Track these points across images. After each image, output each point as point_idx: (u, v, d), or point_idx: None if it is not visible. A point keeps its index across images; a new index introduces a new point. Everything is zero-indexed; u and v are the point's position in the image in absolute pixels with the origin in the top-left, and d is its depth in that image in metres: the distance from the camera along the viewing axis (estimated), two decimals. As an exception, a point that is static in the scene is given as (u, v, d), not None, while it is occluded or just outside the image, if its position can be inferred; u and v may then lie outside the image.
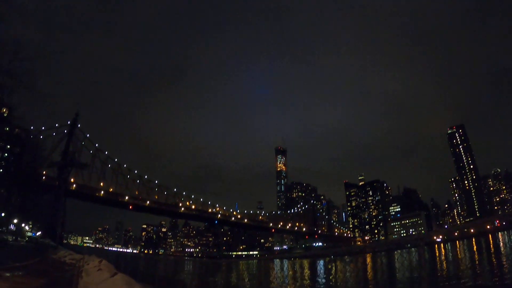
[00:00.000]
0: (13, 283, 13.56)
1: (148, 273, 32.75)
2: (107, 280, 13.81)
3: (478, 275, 38.64)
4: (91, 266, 23.15)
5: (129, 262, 43.00)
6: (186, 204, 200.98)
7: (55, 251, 56.83)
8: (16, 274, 17.34)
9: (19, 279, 15.41)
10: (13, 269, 19.66)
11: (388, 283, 44.11)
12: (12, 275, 16.61)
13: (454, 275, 40.97)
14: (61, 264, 33.99)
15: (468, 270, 45.45)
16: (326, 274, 70.80)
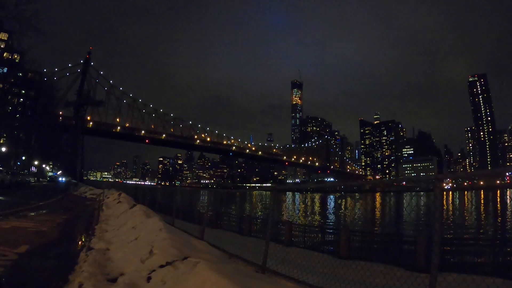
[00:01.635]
0: (37, 221, 14.39)
1: (165, 204, 33.94)
2: (127, 212, 14.56)
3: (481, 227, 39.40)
4: (110, 200, 24.06)
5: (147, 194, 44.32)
6: (202, 136, 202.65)
7: (76, 188, 58.22)
8: (40, 213, 18.19)
9: (43, 217, 16.20)
10: (37, 208, 20.52)
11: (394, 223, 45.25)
12: (36, 214, 17.46)
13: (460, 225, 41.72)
14: (82, 200, 35.00)
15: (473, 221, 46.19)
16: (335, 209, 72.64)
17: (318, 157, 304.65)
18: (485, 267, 13.38)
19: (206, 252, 7.10)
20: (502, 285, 8.22)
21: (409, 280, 6.96)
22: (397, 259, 14.49)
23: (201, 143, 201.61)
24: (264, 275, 6.97)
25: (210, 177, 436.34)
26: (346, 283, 7.58)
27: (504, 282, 9.39)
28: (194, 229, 13.85)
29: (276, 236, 19.58)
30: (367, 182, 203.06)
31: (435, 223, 4.73)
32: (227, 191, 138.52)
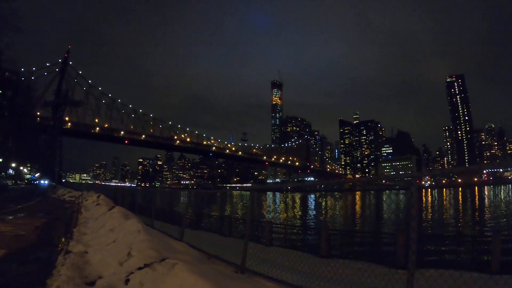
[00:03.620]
0: (15, 225, 14.23)
1: (145, 205, 33.73)
2: (105, 214, 14.48)
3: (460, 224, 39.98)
4: (89, 202, 23.89)
5: (126, 195, 43.91)
6: (181, 137, 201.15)
7: (54, 190, 57.58)
8: (18, 216, 17.98)
9: (21, 221, 16.03)
10: (14, 211, 20.28)
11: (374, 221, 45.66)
12: (14, 218, 17.26)
13: (438, 222, 42.32)
14: (60, 202, 34.61)
15: (451, 218, 46.85)
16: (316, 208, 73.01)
17: (298, 157, 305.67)
18: (464, 263, 13.60)
19: (185, 253, 7.07)
20: (479, 279, 8.35)
21: (388, 277, 7.03)
22: (377, 257, 14.65)
23: (181, 143, 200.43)
24: (243, 275, 6.97)
25: (191, 178, 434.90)
26: (326, 281, 7.63)
27: (481, 276, 9.54)
28: (174, 231, 13.78)
29: (257, 236, 19.65)
30: (346, 179, 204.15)
31: (412, 221, 4.78)
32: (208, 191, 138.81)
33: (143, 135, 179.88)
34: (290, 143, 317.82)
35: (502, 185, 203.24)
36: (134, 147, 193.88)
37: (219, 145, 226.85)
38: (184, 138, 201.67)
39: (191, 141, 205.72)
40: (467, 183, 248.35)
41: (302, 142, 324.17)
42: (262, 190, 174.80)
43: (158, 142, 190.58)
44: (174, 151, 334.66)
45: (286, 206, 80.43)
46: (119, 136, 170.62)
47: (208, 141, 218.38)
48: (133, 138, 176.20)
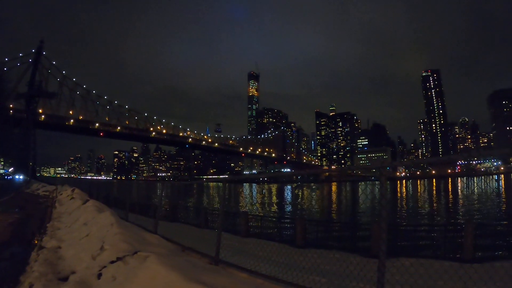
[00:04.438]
0: (-13, 223, 14.05)
1: (121, 198, 33.48)
2: (79, 208, 14.30)
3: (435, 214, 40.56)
4: (64, 196, 23.55)
5: (102, 189, 43.63)
6: (157, 128, 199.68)
7: (28, 185, 56.67)
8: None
9: (-6, 218, 15.82)
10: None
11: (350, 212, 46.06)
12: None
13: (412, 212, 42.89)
14: (35, 197, 34.13)
15: (426, 208, 47.55)
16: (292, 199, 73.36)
17: (275, 148, 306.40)
18: (437, 252, 13.83)
19: (159, 246, 7.05)
20: (450, 268, 8.51)
21: (361, 266, 7.12)
22: (353, 247, 14.82)
23: (157, 135, 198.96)
24: (217, 266, 6.98)
25: (167, 170, 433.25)
26: (301, 271, 7.66)
27: (452, 265, 9.71)
28: (149, 223, 13.72)
29: (233, 227, 19.68)
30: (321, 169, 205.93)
31: (382, 210, 4.83)
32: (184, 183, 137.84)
33: (118, 127, 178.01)
34: (267, 135, 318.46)
35: (475, 177, 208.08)
36: (109, 139, 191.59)
37: (196, 137, 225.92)
38: (160, 130, 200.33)
39: (167, 132, 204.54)
40: (441, 174, 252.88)
41: (278, 134, 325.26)
42: (235, 182, 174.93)
43: (134, 134, 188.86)
44: (150, 143, 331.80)
45: (263, 197, 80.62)
46: (94, 128, 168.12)
47: (184, 133, 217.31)
48: (108, 130, 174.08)
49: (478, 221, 30.27)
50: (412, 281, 6.87)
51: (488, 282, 7.49)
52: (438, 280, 7.43)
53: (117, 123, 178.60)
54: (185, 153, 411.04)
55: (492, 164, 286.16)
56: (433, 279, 7.33)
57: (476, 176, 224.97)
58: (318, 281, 6.69)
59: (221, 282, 4.67)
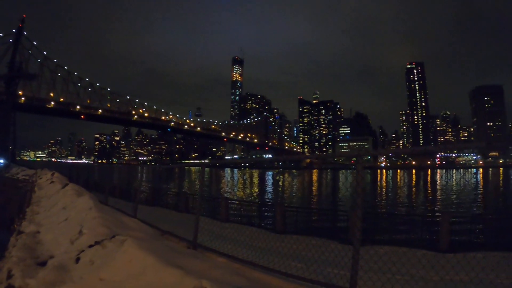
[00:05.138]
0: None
1: (101, 182, 33.33)
2: (59, 192, 14.24)
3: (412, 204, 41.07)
4: (43, 180, 23.41)
5: (82, 173, 43.24)
6: (139, 112, 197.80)
7: (7, 170, 56.06)
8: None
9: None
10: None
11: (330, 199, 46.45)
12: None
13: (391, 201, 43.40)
14: (14, 182, 33.85)
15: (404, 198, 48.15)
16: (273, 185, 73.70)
17: (257, 134, 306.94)
18: (412, 241, 14.08)
19: (137, 230, 7.09)
20: (423, 257, 8.70)
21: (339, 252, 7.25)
22: (332, 233, 14.99)
23: (139, 118, 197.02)
24: (195, 251, 7.05)
25: (148, 154, 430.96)
26: (279, 256, 7.79)
27: (426, 254, 9.92)
28: (129, 207, 13.69)
29: (213, 212, 19.76)
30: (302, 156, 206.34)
31: (357, 198, 4.94)
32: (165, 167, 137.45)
33: (100, 109, 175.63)
34: (249, 120, 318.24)
35: (454, 169, 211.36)
36: (90, 122, 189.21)
37: (178, 121, 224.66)
38: (142, 113, 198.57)
39: (149, 116, 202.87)
40: (421, 165, 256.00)
41: (261, 120, 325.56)
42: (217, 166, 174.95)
43: (116, 117, 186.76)
44: (131, 127, 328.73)
45: (244, 183, 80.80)
46: (75, 111, 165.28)
47: (167, 117, 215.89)
48: (90, 113, 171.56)
49: (454, 212, 30.80)
50: (386, 268, 7.01)
51: (460, 272, 7.67)
52: (411, 268, 7.60)
53: (99, 105, 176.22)
54: (167, 137, 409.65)
55: (471, 157, 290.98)
56: (406, 267, 7.48)
57: (455, 168, 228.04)
58: (294, 266, 6.79)
59: (198, 266, 4.75)
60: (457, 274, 7.61)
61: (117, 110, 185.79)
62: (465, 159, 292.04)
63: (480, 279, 7.23)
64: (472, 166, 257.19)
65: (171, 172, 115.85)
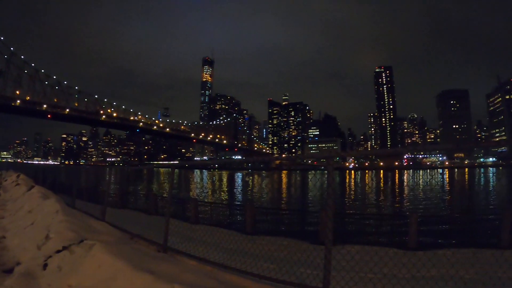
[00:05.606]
0: None
1: (68, 184, 32.70)
2: (24, 195, 13.93)
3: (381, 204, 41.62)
4: (8, 182, 22.87)
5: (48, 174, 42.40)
6: (108, 111, 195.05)
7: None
8: None
9: None
10: None
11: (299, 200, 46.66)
12: None
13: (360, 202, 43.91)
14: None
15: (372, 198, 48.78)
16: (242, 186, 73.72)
17: (226, 135, 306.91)
18: (382, 240, 14.25)
19: (106, 234, 6.96)
20: (394, 256, 8.79)
21: (310, 252, 7.25)
22: (302, 234, 15.04)
23: (107, 118, 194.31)
24: (165, 254, 6.96)
25: (117, 155, 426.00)
26: (251, 258, 7.75)
27: (397, 252, 10.03)
28: (97, 210, 13.46)
29: (183, 214, 19.62)
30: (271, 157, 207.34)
31: (328, 199, 4.98)
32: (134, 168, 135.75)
33: (67, 109, 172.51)
34: (219, 121, 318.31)
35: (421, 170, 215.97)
36: (57, 122, 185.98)
37: (147, 121, 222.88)
38: (110, 113, 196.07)
39: (117, 116, 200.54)
40: (388, 166, 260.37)
41: (230, 121, 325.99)
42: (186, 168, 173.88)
43: (83, 117, 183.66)
44: (99, 127, 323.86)
45: (213, 184, 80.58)
46: (42, 110, 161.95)
47: (135, 117, 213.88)
48: (57, 112, 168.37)
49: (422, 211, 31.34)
50: (358, 267, 7.06)
51: (431, 269, 7.80)
52: (383, 267, 7.67)
53: (66, 105, 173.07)
54: (136, 138, 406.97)
55: (437, 158, 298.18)
56: (378, 266, 7.55)
57: (421, 169, 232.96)
58: (266, 268, 6.76)
59: (169, 270, 4.68)
60: (428, 271, 7.75)
61: (85, 110, 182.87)
62: (432, 160, 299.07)
63: (450, 275, 7.37)
64: (439, 167, 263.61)
65: (139, 173, 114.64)
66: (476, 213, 31.60)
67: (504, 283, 6.99)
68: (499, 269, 7.74)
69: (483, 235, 15.48)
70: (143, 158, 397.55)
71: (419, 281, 6.86)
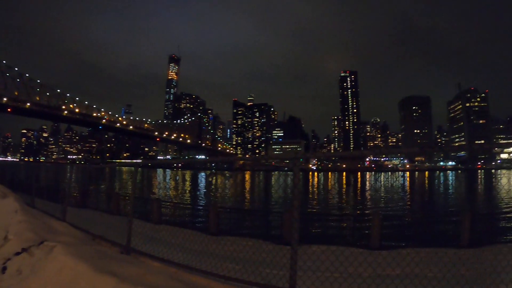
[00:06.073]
0: None
1: (27, 182, 31.91)
2: (-19, 192, 13.49)
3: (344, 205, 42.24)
4: (-36, 179, 22.26)
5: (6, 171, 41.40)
6: (70, 107, 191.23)
7: None
8: None
9: None
10: None
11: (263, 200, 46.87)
12: None
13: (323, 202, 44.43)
14: None
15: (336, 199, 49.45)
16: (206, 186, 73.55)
17: (190, 135, 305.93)
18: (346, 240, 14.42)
19: (67, 234, 6.79)
20: (359, 255, 8.87)
21: (275, 253, 7.25)
22: (266, 234, 15.08)
23: (70, 114, 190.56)
24: (128, 256, 6.84)
25: (78, 152, 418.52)
26: (216, 258, 7.69)
27: (362, 252, 10.15)
28: (58, 210, 13.14)
29: (145, 214, 19.39)
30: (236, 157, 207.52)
31: (294, 200, 4.99)
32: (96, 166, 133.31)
33: (28, 103, 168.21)
34: (183, 120, 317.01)
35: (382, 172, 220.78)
36: (17, 116, 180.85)
37: (110, 118, 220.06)
38: (72, 109, 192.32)
39: (80, 112, 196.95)
40: (350, 168, 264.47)
41: (195, 120, 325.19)
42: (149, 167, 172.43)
43: (45, 112, 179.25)
44: (61, 122, 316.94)
45: (176, 184, 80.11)
46: (2, 103, 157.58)
47: (98, 113, 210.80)
48: (17, 106, 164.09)
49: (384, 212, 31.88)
50: (324, 267, 7.09)
51: (396, 268, 7.94)
52: (349, 266, 7.73)
53: (27, 98, 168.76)
54: (98, 135, 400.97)
55: (399, 161, 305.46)
56: (344, 266, 7.61)
57: (383, 171, 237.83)
58: (232, 269, 6.73)
59: (132, 272, 4.58)
60: (393, 270, 7.88)
61: (47, 104, 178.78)
62: (393, 163, 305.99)
63: (415, 273, 7.53)
64: (400, 170, 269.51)
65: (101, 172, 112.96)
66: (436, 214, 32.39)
67: (467, 281, 7.16)
68: (462, 267, 8.13)
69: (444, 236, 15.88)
70: (105, 156, 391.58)
71: (384, 280, 6.96)
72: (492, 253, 9.65)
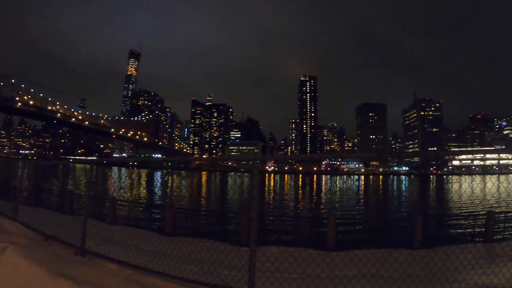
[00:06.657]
0: None
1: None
2: None
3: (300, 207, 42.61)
4: None
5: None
6: (24, 99, 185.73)
7: None
8: None
9: None
10: None
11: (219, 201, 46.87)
12: None
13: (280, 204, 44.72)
14: None
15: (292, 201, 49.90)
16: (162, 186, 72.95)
17: (147, 132, 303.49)
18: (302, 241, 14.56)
19: (19, 235, 6.57)
20: (317, 256, 8.97)
21: (233, 254, 7.23)
22: (222, 235, 15.07)
23: (23, 106, 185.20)
24: (83, 257, 6.67)
25: (31, 147, 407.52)
26: (173, 260, 7.59)
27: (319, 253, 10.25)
28: (9, 208, 12.70)
29: (100, 214, 19.08)
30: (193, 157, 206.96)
31: (252, 202, 5.00)
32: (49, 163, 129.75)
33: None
34: (140, 117, 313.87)
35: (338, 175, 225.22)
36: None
37: (65, 112, 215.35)
38: (27, 101, 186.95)
39: (34, 104, 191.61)
40: (307, 171, 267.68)
41: (152, 118, 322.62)
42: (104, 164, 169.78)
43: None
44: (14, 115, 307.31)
45: (132, 183, 79.11)
46: None
47: (53, 107, 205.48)
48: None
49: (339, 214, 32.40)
50: (282, 268, 7.12)
51: (352, 268, 8.08)
52: (306, 267, 7.78)
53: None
54: (52, 130, 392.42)
55: (354, 165, 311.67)
56: (302, 266, 7.67)
57: (339, 175, 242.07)
58: (190, 270, 6.66)
59: (88, 275, 4.47)
60: (350, 270, 8.01)
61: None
62: (349, 167, 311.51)
63: (371, 273, 7.65)
64: (355, 173, 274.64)
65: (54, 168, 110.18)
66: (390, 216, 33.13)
67: (421, 280, 7.34)
68: (417, 267, 8.37)
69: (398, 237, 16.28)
70: (59, 152, 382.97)
71: (342, 280, 7.03)
72: (445, 253, 10.02)
